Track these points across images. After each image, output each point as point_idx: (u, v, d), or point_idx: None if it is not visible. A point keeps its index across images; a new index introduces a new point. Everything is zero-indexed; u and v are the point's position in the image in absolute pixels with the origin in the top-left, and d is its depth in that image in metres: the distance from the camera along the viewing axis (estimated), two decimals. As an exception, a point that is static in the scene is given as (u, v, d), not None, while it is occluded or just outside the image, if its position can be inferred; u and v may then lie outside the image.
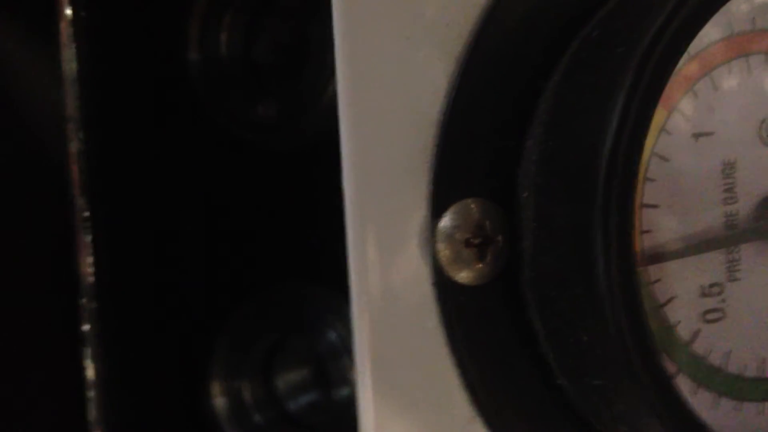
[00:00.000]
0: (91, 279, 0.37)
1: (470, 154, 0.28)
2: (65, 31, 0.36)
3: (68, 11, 0.36)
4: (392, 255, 0.27)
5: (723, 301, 0.29)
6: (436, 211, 0.28)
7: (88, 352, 0.37)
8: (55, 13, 0.36)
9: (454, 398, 0.28)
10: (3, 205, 0.37)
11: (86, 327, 0.37)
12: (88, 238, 0.36)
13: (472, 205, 0.28)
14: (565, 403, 0.28)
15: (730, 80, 0.29)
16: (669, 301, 0.28)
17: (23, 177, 0.37)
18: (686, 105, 0.28)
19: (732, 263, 0.29)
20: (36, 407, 0.38)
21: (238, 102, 0.39)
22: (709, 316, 0.29)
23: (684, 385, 0.28)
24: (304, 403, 0.40)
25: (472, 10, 0.28)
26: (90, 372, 0.37)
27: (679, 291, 0.28)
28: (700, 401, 0.29)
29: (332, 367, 0.39)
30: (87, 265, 0.37)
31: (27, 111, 0.38)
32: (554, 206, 0.27)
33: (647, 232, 0.28)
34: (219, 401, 0.40)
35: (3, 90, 0.37)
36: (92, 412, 0.37)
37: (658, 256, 0.28)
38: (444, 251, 0.27)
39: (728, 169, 0.29)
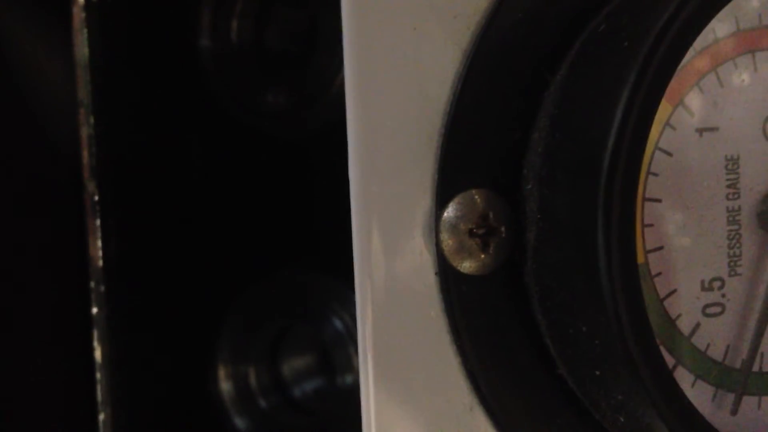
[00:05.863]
0: (100, 263, 0.37)
1: (476, 145, 0.28)
2: (77, 16, 0.36)
3: (81, -4, 0.36)
4: (396, 244, 0.28)
5: (723, 295, 0.29)
6: (441, 201, 0.28)
7: (96, 334, 0.37)
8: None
9: (455, 386, 0.28)
10: (16, 190, 0.37)
11: (95, 310, 0.37)
12: (97, 222, 0.37)
13: (477, 196, 0.28)
14: (565, 392, 0.28)
15: (735, 76, 0.29)
16: (670, 294, 0.28)
17: (36, 161, 0.38)
18: (691, 100, 0.28)
19: (733, 258, 0.29)
20: (46, 389, 0.38)
21: (248, 89, 0.39)
22: (710, 310, 0.29)
23: (683, 377, 0.29)
24: (309, 389, 0.40)
25: (481, 2, 0.28)
26: (98, 354, 0.37)
27: (680, 284, 0.28)
28: (698, 393, 0.29)
29: (337, 355, 0.39)
30: (96, 248, 0.37)
31: (40, 96, 0.38)
32: (558, 198, 0.27)
33: (650, 225, 0.28)
34: (224, 386, 0.40)
35: (16, 76, 0.38)
36: (100, 394, 0.37)
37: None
38: (448, 241, 0.28)
39: (732, 164, 0.29)
